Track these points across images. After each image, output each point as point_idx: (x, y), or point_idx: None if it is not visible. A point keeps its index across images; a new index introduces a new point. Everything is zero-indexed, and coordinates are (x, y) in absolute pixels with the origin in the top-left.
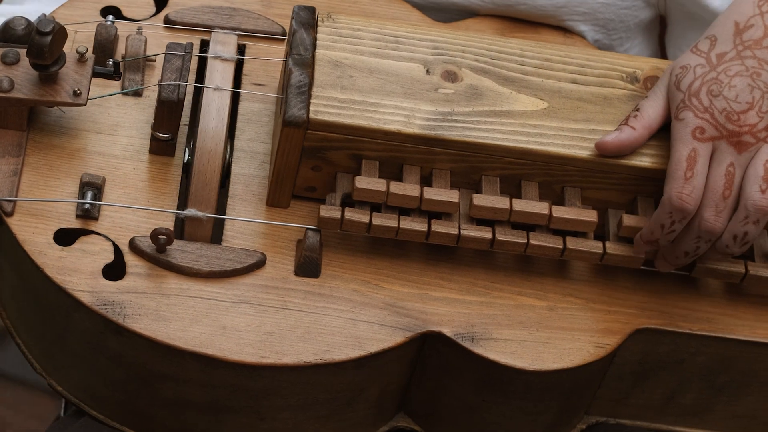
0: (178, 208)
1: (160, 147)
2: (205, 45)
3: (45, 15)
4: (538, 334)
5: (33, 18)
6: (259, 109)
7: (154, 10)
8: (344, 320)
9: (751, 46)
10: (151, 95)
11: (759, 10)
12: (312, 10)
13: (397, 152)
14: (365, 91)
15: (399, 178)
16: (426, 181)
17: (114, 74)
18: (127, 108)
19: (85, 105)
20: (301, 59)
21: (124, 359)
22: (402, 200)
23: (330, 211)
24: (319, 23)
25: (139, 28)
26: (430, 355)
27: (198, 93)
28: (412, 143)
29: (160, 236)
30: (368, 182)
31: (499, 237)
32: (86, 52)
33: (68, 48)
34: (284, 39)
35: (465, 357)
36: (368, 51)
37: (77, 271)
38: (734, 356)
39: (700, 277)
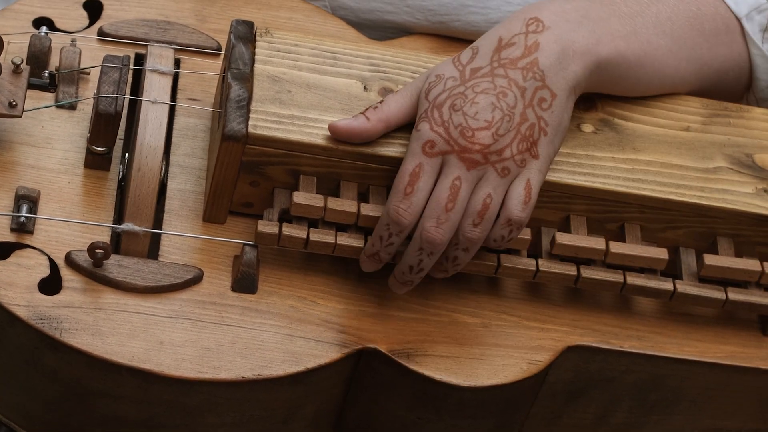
0: (114, 223)
1: (96, 161)
2: (139, 58)
3: None
4: (473, 350)
5: None
6: (195, 124)
7: (87, 22)
8: (281, 336)
9: (506, 64)
10: (85, 108)
11: (525, 29)
12: (250, 25)
13: (335, 168)
14: (303, 107)
15: (336, 194)
16: (363, 198)
17: (49, 86)
18: (61, 121)
19: (20, 117)
20: (240, 74)
21: (60, 375)
22: (339, 216)
23: (267, 227)
24: (257, 38)
25: (73, 40)
26: (364, 372)
27: (133, 106)
28: (349, 159)
29: (96, 250)
30: (306, 198)
31: None
32: (21, 63)
33: (1, 59)
34: (219, 54)
35: (400, 373)
36: (306, 66)
37: (12, 285)
38: (664, 374)
39: (629, 295)
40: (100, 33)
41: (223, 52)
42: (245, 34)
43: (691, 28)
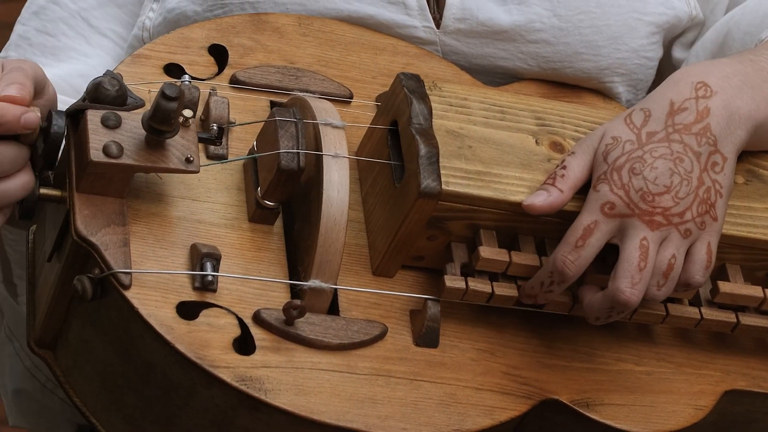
0: (289, 278)
1: (264, 215)
2: (273, 106)
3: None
4: (643, 398)
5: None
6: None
7: (216, 68)
8: (470, 389)
9: (680, 130)
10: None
11: (695, 93)
12: (418, 78)
13: (514, 222)
14: (486, 162)
15: (512, 247)
16: (538, 250)
17: (216, 139)
18: (215, 173)
19: (198, 172)
20: (422, 129)
21: None
22: (523, 270)
23: (455, 282)
24: (428, 92)
25: (213, 88)
26: (532, 421)
27: None
28: (536, 214)
29: (292, 309)
30: (492, 252)
31: None
32: (192, 116)
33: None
34: (350, 102)
35: (579, 423)
36: (479, 121)
37: (209, 346)
38: None
39: None
40: (234, 80)
41: (385, 105)
42: (417, 88)
43: None
